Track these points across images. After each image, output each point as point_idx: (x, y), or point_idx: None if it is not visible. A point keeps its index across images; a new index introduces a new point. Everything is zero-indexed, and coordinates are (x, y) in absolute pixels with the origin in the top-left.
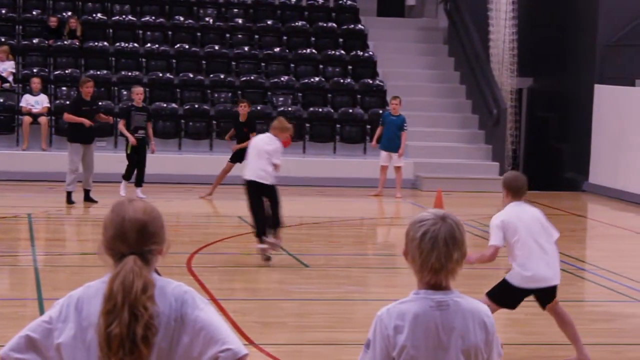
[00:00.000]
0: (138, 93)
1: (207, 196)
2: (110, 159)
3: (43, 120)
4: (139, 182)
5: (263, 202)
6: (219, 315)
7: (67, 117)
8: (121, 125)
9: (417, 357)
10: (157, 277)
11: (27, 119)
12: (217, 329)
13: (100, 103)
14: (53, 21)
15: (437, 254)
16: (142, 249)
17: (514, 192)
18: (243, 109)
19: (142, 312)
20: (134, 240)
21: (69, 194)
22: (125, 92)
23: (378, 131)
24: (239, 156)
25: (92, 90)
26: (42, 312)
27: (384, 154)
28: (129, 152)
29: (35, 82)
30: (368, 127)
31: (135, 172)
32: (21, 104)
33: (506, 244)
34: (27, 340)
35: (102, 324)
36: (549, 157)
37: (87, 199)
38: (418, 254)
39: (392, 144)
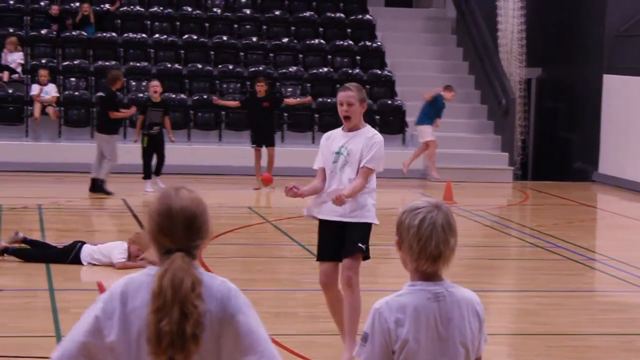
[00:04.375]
0: (155, 88)
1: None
2: (119, 149)
3: (50, 110)
4: (157, 172)
5: None
6: (260, 321)
7: (115, 115)
8: (139, 122)
9: (418, 350)
10: (202, 273)
11: (37, 105)
12: (258, 339)
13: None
14: (55, 9)
15: (436, 240)
16: (188, 245)
17: None
18: (261, 87)
19: (191, 310)
20: (181, 236)
21: (102, 181)
22: (133, 83)
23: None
24: (261, 139)
25: None
26: (53, 303)
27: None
28: (145, 145)
29: (43, 75)
30: (377, 117)
31: (155, 162)
32: (31, 93)
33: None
34: (79, 345)
35: (152, 321)
36: (558, 147)
37: (100, 189)
38: (416, 242)
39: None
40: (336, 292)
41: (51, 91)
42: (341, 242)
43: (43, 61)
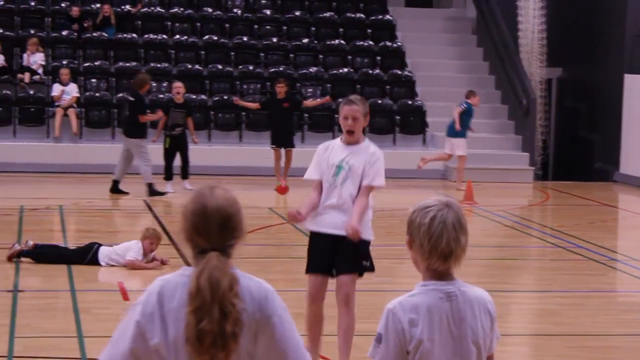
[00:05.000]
0: (178, 89)
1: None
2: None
3: (72, 112)
4: (184, 174)
5: None
6: (294, 325)
7: (145, 118)
8: (161, 123)
9: (432, 350)
10: (238, 272)
11: (59, 110)
12: (291, 345)
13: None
14: (75, 10)
15: (447, 238)
16: (223, 244)
17: None
18: (281, 88)
19: (230, 309)
20: (216, 235)
21: (152, 185)
22: (154, 84)
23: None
24: (280, 140)
25: None
26: (74, 303)
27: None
28: (167, 146)
29: (64, 74)
30: (397, 117)
31: (180, 164)
32: (52, 93)
33: None
34: (126, 352)
35: (192, 321)
36: (579, 148)
37: (117, 190)
38: (427, 240)
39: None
40: (321, 307)
41: (72, 91)
42: (334, 256)
43: (64, 62)
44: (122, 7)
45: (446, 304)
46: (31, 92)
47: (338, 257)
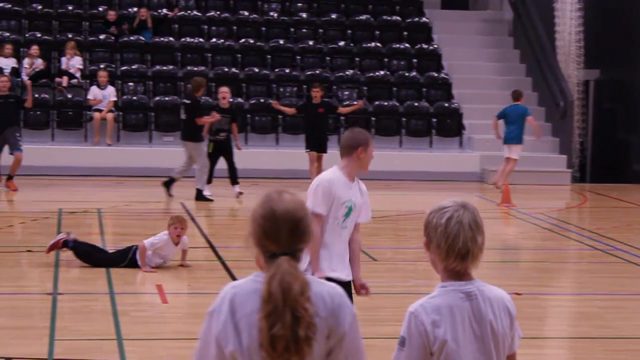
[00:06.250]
0: (224, 94)
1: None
2: (176, 153)
3: (109, 116)
4: (233, 180)
5: None
6: (360, 334)
7: (202, 120)
8: (206, 127)
9: (457, 350)
10: (310, 278)
11: (97, 115)
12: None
13: (167, 98)
14: (111, 15)
15: (463, 238)
16: (293, 248)
17: None
18: (316, 93)
19: (302, 313)
20: (286, 240)
21: (201, 191)
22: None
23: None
24: (314, 144)
25: None
26: (114, 306)
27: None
28: (210, 151)
29: (102, 76)
30: (433, 120)
31: (228, 171)
32: (88, 97)
33: None
34: None
35: (264, 326)
36: (616, 149)
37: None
38: (444, 240)
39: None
40: None
41: (110, 94)
42: None
43: (101, 66)
44: (159, 10)
45: (467, 304)
46: (69, 96)
47: None
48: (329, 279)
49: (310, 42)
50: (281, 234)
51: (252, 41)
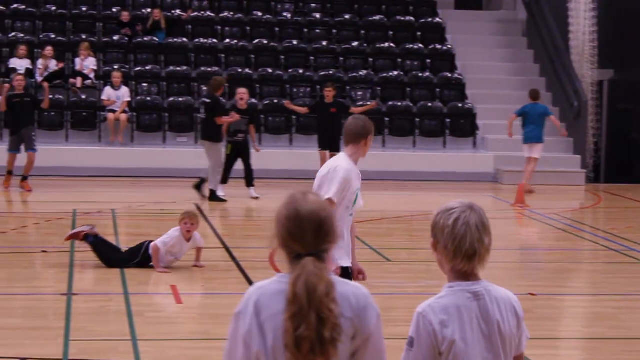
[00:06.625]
0: (241, 95)
1: None
2: (190, 154)
3: (123, 117)
4: (249, 182)
5: None
6: (383, 336)
7: (221, 120)
8: (224, 128)
9: (465, 350)
10: (335, 278)
11: (111, 116)
12: None
13: (180, 99)
14: (125, 16)
15: (470, 239)
16: (318, 249)
17: None
18: (329, 93)
19: (327, 314)
20: (311, 241)
21: (214, 192)
22: (205, 88)
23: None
24: (329, 143)
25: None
26: (128, 307)
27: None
28: (228, 152)
29: (116, 77)
30: (447, 120)
31: (244, 173)
32: (102, 97)
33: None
34: None
35: (289, 328)
36: (631, 150)
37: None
38: (451, 241)
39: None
40: None
41: (124, 95)
42: None
43: (115, 67)
44: (172, 11)
45: (474, 303)
46: (83, 97)
47: None
48: (343, 269)
49: (324, 43)
50: (306, 234)
51: (265, 42)
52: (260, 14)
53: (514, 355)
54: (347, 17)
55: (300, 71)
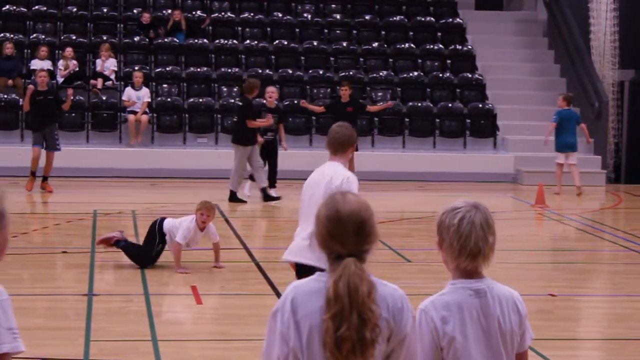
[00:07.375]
0: (271, 93)
1: None
2: (210, 155)
3: (144, 118)
4: (271, 183)
5: None
6: (416, 339)
7: (253, 124)
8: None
9: (465, 345)
10: (374, 279)
11: (131, 117)
12: None
13: (201, 100)
14: (145, 17)
15: (475, 238)
16: (359, 250)
17: None
18: (345, 92)
19: (369, 315)
20: (352, 241)
21: (234, 193)
22: (225, 89)
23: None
24: None
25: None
26: (148, 307)
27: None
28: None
29: (138, 77)
30: (467, 121)
31: (268, 172)
32: (123, 98)
33: None
34: None
35: (330, 327)
36: None
37: (268, 198)
38: (456, 240)
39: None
40: None
41: (145, 96)
42: None
43: (136, 68)
44: (193, 12)
45: (476, 300)
46: (104, 98)
47: None
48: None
49: (344, 44)
50: (346, 235)
51: (285, 43)
52: (280, 14)
53: (517, 353)
54: (367, 17)
55: (321, 72)
